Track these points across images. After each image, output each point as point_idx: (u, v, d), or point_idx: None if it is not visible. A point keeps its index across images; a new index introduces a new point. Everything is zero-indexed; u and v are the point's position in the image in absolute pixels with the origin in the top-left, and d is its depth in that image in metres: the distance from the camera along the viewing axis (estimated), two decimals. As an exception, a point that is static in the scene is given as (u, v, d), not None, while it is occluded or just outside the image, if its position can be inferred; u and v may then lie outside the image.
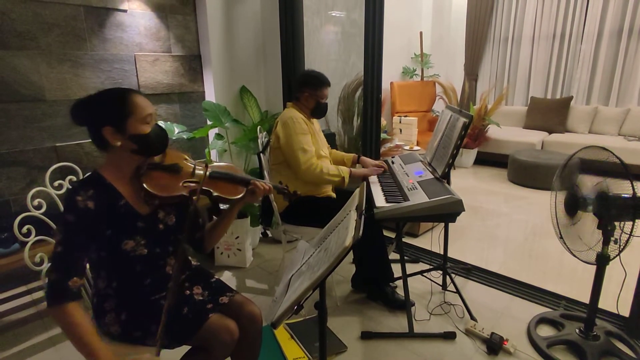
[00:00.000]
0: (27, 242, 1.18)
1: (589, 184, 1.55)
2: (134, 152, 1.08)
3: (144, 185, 1.08)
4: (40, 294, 2.16)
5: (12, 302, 2.09)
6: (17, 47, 2.02)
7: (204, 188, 1.17)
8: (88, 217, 1.01)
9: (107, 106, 1.06)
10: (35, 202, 1.22)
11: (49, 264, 1.00)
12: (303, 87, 2.01)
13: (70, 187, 1.05)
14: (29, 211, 1.21)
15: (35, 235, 1.20)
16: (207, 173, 1.21)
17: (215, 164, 1.31)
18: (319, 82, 2.00)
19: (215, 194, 1.20)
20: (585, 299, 1.72)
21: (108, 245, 1.07)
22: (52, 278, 0.97)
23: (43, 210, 1.23)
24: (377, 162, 2.17)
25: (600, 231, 1.52)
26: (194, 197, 1.17)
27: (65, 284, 0.97)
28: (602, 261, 1.57)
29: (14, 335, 1.86)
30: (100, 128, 1.04)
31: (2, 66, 1.99)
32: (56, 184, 1.33)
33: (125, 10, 2.38)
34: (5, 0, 1.95)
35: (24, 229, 1.18)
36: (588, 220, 1.57)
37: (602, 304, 1.68)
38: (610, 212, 1.47)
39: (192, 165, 1.22)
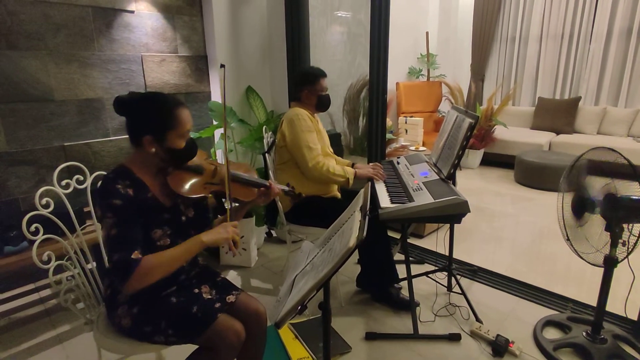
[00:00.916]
0: (35, 241, 1.19)
1: (596, 185, 1.53)
2: (163, 159, 1.14)
3: (171, 185, 1.13)
4: (47, 291, 2.19)
5: (20, 300, 2.12)
6: (25, 47, 2.05)
7: (222, 189, 1.21)
8: (130, 201, 1.07)
9: (154, 118, 1.11)
10: (44, 201, 1.24)
11: (108, 250, 1.05)
12: (301, 86, 2.02)
13: (105, 177, 1.10)
14: (38, 210, 1.22)
15: (43, 234, 1.21)
16: (229, 176, 1.23)
17: (233, 165, 1.34)
18: (313, 76, 2.00)
19: (232, 196, 1.24)
20: (593, 301, 1.70)
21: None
22: (116, 259, 1.01)
23: (51, 209, 1.25)
24: (371, 165, 2.13)
25: (608, 233, 1.51)
26: (211, 196, 1.22)
27: (129, 259, 1.01)
28: (610, 264, 1.55)
29: (22, 332, 1.88)
30: (141, 134, 1.10)
31: (11, 66, 2.02)
32: (64, 183, 1.34)
33: (132, 11, 2.40)
34: (15, 1, 1.98)
35: (32, 228, 1.19)
36: (596, 222, 1.55)
37: (609, 307, 1.67)
38: (619, 213, 1.45)
39: (213, 166, 1.27)
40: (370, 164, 2.16)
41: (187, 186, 1.16)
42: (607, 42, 4.60)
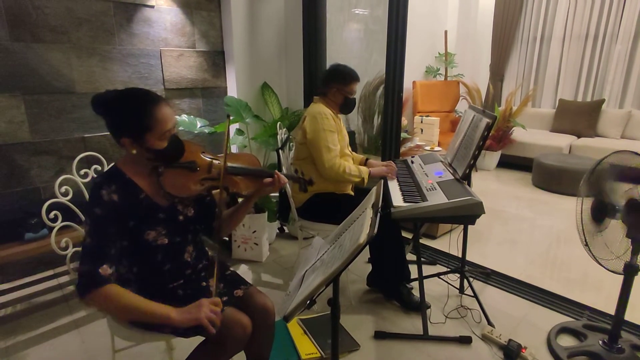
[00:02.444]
0: (54, 227, 1.23)
1: (618, 190, 1.48)
2: (150, 159, 1.10)
3: (164, 186, 1.10)
4: (65, 278, 2.26)
5: (40, 285, 2.19)
6: (50, 40, 2.11)
7: (219, 184, 1.17)
8: (114, 208, 1.04)
9: (129, 120, 1.04)
10: (63, 189, 1.28)
11: (80, 257, 1.02)
12: (331, 82, 1.96)
13: (94, 181, 1.07)
14: (57, 197, 1.26)
15: (62, 221, 1.25)
16: (224, 169, 1.19)
17: (231, 160, 1.28)
18: (348, 77, 1.95)
19: (232, 190, 1.21)
20: (611, 310, 1.65)
21: (131, 235, 1.10)
22: (82, 269, 0.99)
23: (70, 197, 1.28)
24: (384, 163, 2.12)
25: (630, 240, 1.46)
26: (211, 192, 1.19)
27: (95, 272, 0.98)
28: (630, 271, 1.50)
29: (40, 316, 1.94)
30: (119, 136, 1.05)
31: (36, 59, 2.08)
32: (82, 172, 1.38)
33: (152, 6, 2.44)
34: (41, -5, 2.04)
35: (52, 215, 1.23)
36: (616, 228, 1.50)
37: (628, 316, 1.62)
38: (641, 220, 1.40)
39: (209, 160, 1.20)
40: (384, 162, 2.14)
41: (180, 185, 1.11)
42: (635, 43, 4.44)
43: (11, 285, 2.16)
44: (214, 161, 1.20)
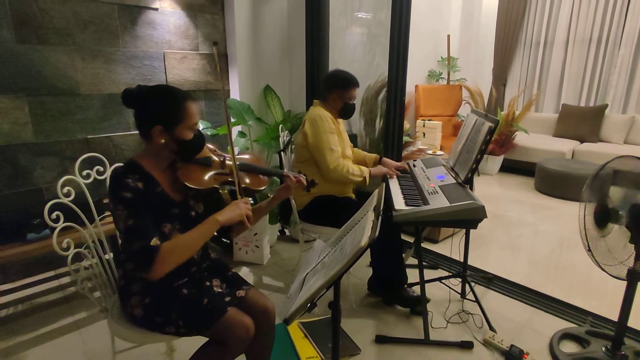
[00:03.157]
0: (55, 228, 1.23)
1: (621, 195, 1.47)
2: (173, 151, 1.16)
3: (180, 177, 1.16)
4: (67, 279, 2.26)
5: (41, 286, 2.19)
6: (55, 42, 2.12)
7: (231, 179, 1.24)
8: (140, 193, 1.08)
9: (164, 109, 1.12)
10: (65, 190, 1.28)
11: (126, 241, 1.06)
12: (331, 89, 1.99)
13: (115, 172, 1.12)
14: (59, 198, 1.26)
15: (64, 222, 1.25)
16: (236, 165, 1.25)
17: (240, 156, 1.38)
18: (347, 83, 1.98)
19: (242, 185, 1.26)
20: (614, 316, 1.64)
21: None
22: (136, 248, 1.03)
23: (71, 197, 1.28)
24: (398, 163, 2.14)
25: (633, 245, 1.45)
26: (222, 189, 1.25)
27: (149, 246, 1.03)
28: (633, 277, 1.49)
29: (42, 317, 1.94)
30: (150, 125, 1.11)
31: (41, 61, 2.09)
32: (84, 173, 1.38)
33: (156, 9, 2.45)
34: (47, -2, 2.06)
35: (54, 215, 1.23)
36: (619, 234, 1.49)
37: (632, 323, 1.60)
38: (645, 225, 1.39)
39: (222, 158, 1.29)
40: (399, 162, 2.16)
41: (196, 178, 1.18)
42: (638, 48, 4.43)
43: (13, 286, 2.16)
44: (227, 159, 1.30)
